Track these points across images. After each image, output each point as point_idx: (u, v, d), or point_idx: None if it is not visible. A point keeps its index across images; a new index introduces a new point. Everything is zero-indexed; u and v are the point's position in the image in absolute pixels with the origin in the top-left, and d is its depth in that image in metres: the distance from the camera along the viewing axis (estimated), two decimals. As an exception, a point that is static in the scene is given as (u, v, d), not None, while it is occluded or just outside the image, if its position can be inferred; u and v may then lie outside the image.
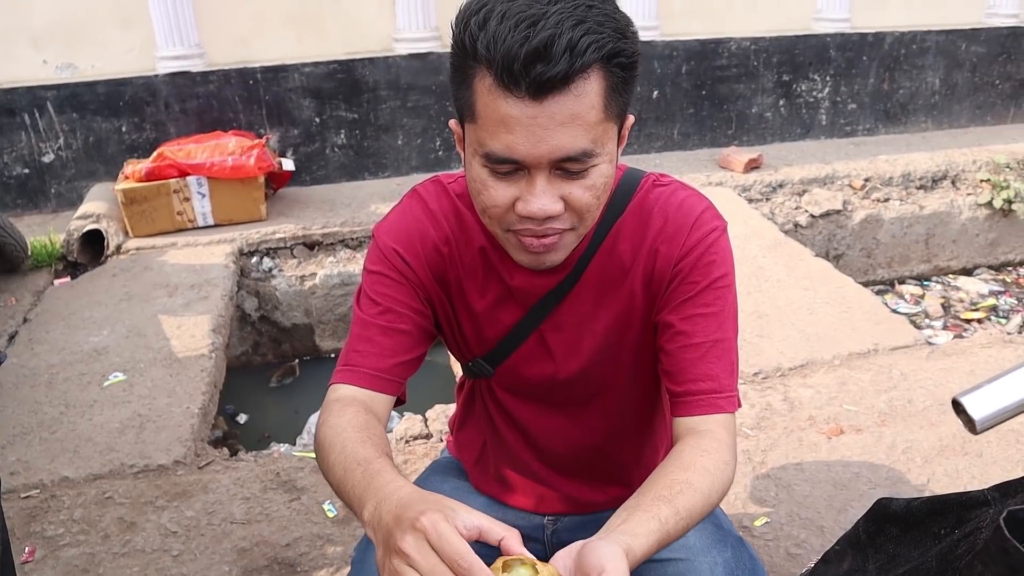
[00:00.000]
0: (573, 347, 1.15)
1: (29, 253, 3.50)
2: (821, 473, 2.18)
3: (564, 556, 0.82)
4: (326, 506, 2.11)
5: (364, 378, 1.08)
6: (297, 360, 3.63)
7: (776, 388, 2.57)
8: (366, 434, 0.97)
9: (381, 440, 0.98)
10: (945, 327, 4.06)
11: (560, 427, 1.24)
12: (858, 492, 2.11)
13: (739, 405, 1.07)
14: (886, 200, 4.51)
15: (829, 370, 2.66)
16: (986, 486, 0.72)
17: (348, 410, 1.02)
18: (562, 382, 1.18)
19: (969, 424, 0.67)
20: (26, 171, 4.11)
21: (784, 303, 3.11)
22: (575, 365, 1.16)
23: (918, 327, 3.53)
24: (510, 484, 1.32)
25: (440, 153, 4.58)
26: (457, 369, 3.10)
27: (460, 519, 0.76)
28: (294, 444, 2.94)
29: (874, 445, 2.29)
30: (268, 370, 3.58)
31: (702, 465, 0.96)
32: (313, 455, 2.39)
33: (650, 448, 1.31)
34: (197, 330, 2.99)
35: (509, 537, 0.78)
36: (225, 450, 2.49)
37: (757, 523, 2.00)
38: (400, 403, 1.15)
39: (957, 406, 0.67)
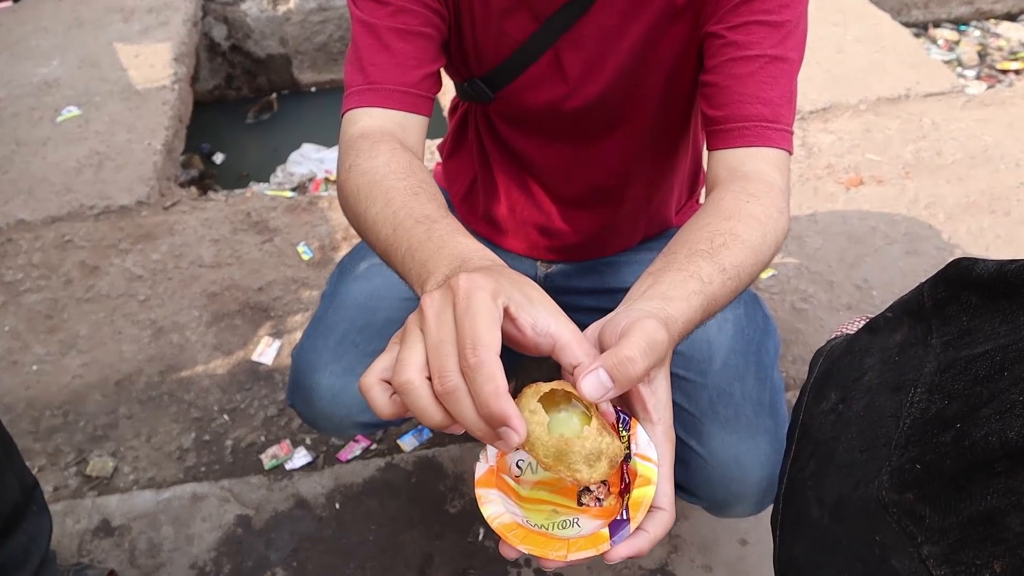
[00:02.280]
0: (592, 68, 0.92)
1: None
2: (835, 225, 2.02)
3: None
4: (301, 248, 1.97)
5: (392, 97, 0.84)
6: (275, 94, 3.35)
7: (793, 132, 2.35)
8: (414, 181, 0.74)
9: (434, 188, 0.75)
10: (978, 77, 3.74)
11: (566, 163, 1.04)
12: (873, 247, 1.96)
13: (792, 150, 0.86)
14: (934, -74, 3.98)
15: (854, 115, 2.42)
16: (1012, 247, 0.51)
17: (381, 149, 0.79)
18: (573, 111, 0.96)
19: None
20: None
21: (810, 39, 2.78)
22: (592, 90, 0.93)
23: (950, 74, 3.22)
24: (501, 225, 1.16)
25: None
26: (446, 97, 2.84)
27: (532, 313, 0.51)
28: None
29: (895, 198, 2.11)
30: (244, 105, 3.30)
31: (749, 213, 0.74)
32: (287, 194, 2.23)
33: (659, 199, 1.13)
34: (157, 59, 2.69)
35: (588, 370, 0.50)
36: (193, 189, 2.31)
37: (763, 275, 1.88)
38: None
39: None
